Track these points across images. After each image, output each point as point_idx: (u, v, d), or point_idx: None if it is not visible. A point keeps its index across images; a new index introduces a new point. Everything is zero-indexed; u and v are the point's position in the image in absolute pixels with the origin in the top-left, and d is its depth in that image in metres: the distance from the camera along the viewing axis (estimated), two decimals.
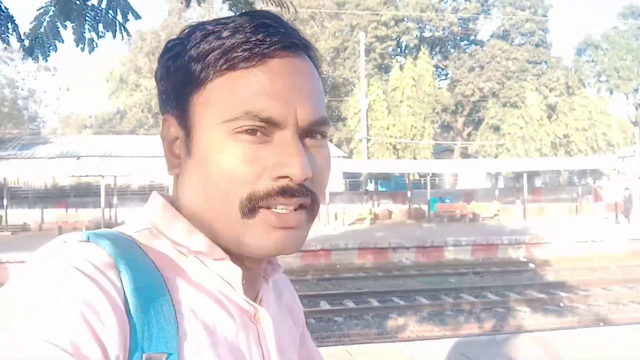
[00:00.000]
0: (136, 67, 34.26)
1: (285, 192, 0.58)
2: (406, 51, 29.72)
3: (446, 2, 30.47)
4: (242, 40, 0.58)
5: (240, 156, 0.58)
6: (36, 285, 0.50)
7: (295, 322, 0.80)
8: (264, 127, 0.58)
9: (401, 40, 29.15)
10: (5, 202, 21.85)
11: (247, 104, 0.57)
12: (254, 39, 0.58)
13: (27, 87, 33.28)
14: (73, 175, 23.64)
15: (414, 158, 26.54)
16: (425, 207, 25.48)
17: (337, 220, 23.42)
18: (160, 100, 0.66)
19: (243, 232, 0.59)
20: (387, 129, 25.97)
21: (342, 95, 30.37)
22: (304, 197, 0.60)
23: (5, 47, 31.89)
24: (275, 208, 0.59)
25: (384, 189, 28.58)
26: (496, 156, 27.99)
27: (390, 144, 26.00)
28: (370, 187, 27.14)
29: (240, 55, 0.58)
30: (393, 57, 29.49)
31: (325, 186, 0.65)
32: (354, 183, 28.34)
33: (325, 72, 33.54)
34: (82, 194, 25.15)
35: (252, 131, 0.58)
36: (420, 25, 28.86)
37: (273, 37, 0.59)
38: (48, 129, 49.09)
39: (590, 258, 17.50)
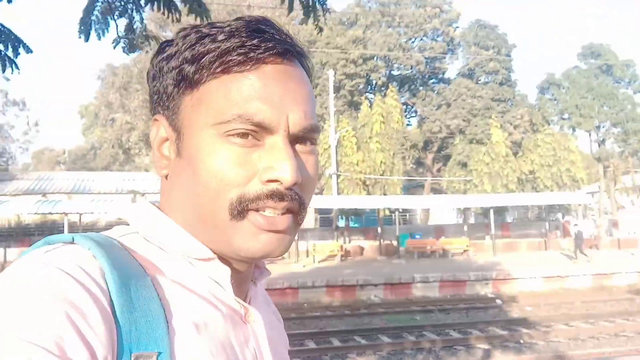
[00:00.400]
0: (107, 102, 34.10)
1: (274, 196, 0.59)
2: (375, 89, 30.28)
3: (413, 42, 31.30)
4: (238, 44, 0.59)
5: (231, 158, 0.58)
6: (19, 286, 0.49)
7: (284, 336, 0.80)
8: (256, 131, 0.59)
9: (370, 77, 29.74)
10: None
11: (240, 108, 0.58)
12: (249, 43, 0.59)
13: None
14: (36, 213, 23.06)
15: (384, 194, 26.70)
16: (396, 243, 25.57)
17: (308, 258, 23.26)
18: (152, 101, 0.65)
19: (231, 234, 0.59)
20: (357, 164, 26.17)
21: None
22: (293, 201, 0.60)
23: None
24: (264, 211, 0.59)
25: (356, 225, 28.63)
26: (464, 192, 28.37)
27: (360, 179, 26.17)
28: (342, 223, 27.15)
29: (235, 59, 0.59)
30: (362, 94, 29.99)
31: (312, 192, 0.65)
32: (325, 219, 28.34)
33: None
34: (47, 232, 24.52)
35: (243, 134, 0.58)
36: (388, 63, 29.52)
37: (268, 43, 0.60)
38: (20, 164, 48.13)
39: (555, 294, 17.66)
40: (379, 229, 24.44)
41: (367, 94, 30.38)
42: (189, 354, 0.55)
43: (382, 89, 29.24)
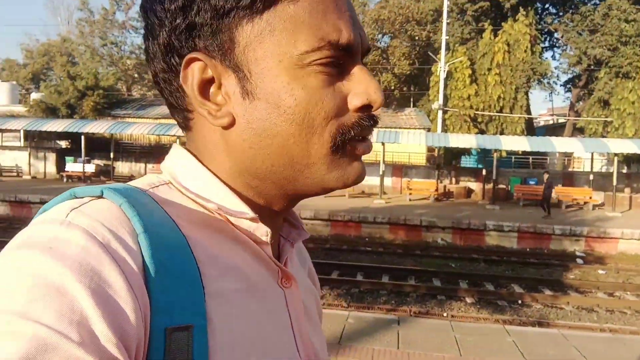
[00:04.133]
0: None
1: (369, 122, 0.56)
2: (505, 13, 26.62)
3: None
4: None
5: (323, 89, 0.53)
6: (36, 250, 0.43)
7: (317, 287, 0.78)
8: (339, 56, 0.54)
9: (500, 1, 26.14)
10: (112, 155, 25.12)
11: (326, 32, 0.52)
12: None
13: None
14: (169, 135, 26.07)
15: (501, 133, 24.31)
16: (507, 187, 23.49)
17: (402, 194, 22.70)
18: (178, 37, 0.54)
19: (330, 168, 0.55)
20: (468, 99, 24.00)
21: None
22: (375, 125, 0.58)
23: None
24: (359, 139, 0.56)
25: (477, 165, 26.65)
26: (603, 135, 24.38)
27: (469, 115, 24.04)
28: (468, 161, 25.58)
29: None
30: (490, 19, 26.60)
31: None
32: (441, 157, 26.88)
33: (425, 37, 31.72)
34: None
35: (329, 62, 0.53)
36: None
37: None
38: None
39: None
40: (484, 171, 22.57)
41: (499, 19, 26.94)
42: (226, 323, 0.51)
43: (514, 13, 25.70)
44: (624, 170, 27.35)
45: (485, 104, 24.01)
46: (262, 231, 0.57)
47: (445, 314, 8.62)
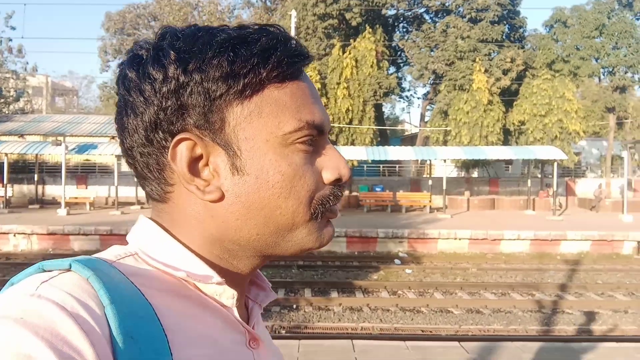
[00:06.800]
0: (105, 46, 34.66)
1: (341, 192, 0.63)
2: (352, 30, 27.86)
3: None
4: (292, 52, 0.59)
5: (305, 165, 0.59)
6: (7, 322, 0.45)
7: None
8: (314, 135, 0.60)
9: (348, 18, 27.30)
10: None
11: (307, 115, 0.59)
12: (298, 52, 0.60)
13: None
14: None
15: (352, 143, 25.22)
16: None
17: None
18: (168, 116, 0.58)
19: (309, 232, 0.61)
20: None
21: None
22: None
23: None
24: (333, 206, 0.62)
25: None
26: (444, 143, 26.14)
27: None
28: None
29: (289, 68, 0.59)
30: (340, 36, 27.73)
31: None
32: None
33: None
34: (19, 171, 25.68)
35: (307, 140, 0.59)
36: (365, 1, 26.77)
37: (306, 52, 0.61)
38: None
39: (477, 257, 15.97)
40: None
41: (349, 36, 28.07)
42: None
43: (360, 30, 26.89)
44: (472, 175, 29.56)
45: (335, 117, 24.81)
46: (229, 294, 0.59)
47: None
